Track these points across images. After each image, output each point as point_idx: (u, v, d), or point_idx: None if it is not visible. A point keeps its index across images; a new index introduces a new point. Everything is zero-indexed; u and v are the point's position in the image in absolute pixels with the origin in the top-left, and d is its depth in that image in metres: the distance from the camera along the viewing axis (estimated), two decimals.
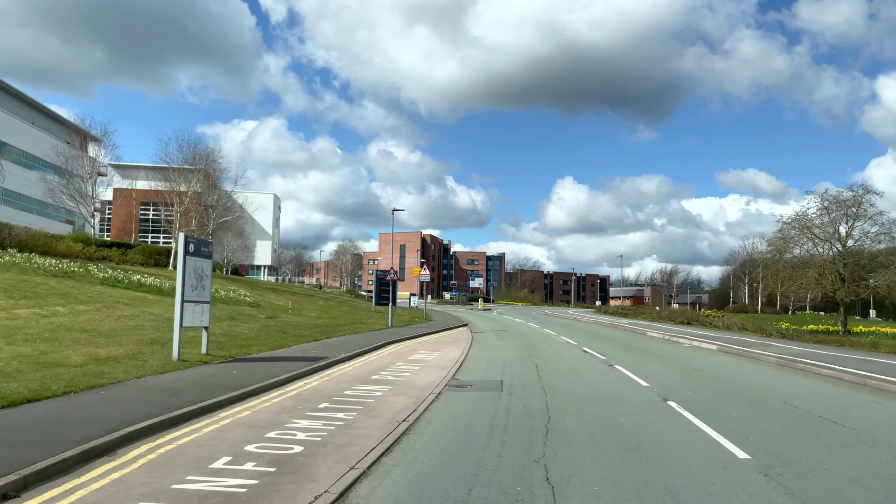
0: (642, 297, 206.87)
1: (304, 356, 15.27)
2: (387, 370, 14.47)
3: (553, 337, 28.14)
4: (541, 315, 55.31)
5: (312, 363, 13.99)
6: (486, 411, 9.60)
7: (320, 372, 13.58)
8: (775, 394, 12.11)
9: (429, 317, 41.62)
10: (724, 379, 14.35)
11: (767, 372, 15.98)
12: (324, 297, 41.34)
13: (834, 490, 5.87)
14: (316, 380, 12.49)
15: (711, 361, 18.37)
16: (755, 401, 11.16)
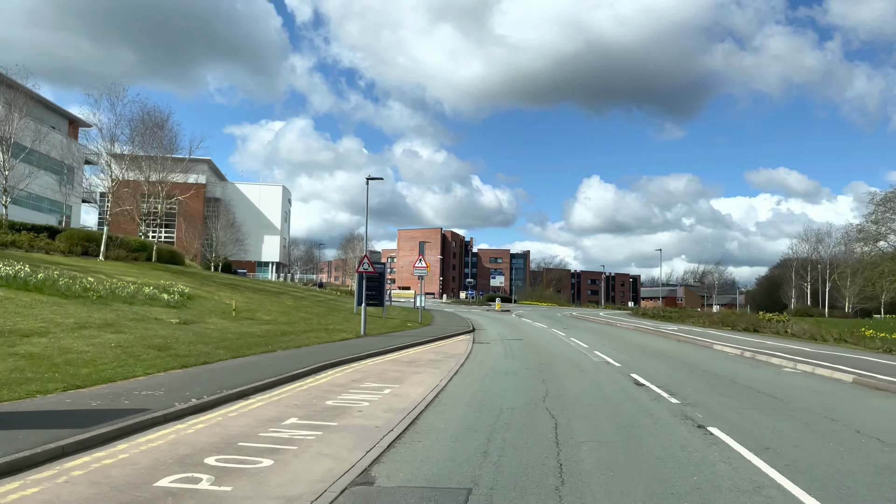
0: (675, 297, 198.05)
1: (79, 408, 7.84)
2: (229, 449, 6.92)
3: (584, 352, 20.36)
4: (567, 318, 47.33)
5: (71, 432, 6.54)
6: None
7: (63, 461, 6.11)
8: None
9: (429, 320, 34.12)
10: None
11: None
12: (302, 295, 34.05)
13: None
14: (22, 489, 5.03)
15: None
16: None
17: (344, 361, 14.89)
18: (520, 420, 8.81)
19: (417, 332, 25.65)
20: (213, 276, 33.62)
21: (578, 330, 32.44)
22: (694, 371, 15.42)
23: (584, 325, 37.26)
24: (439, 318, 37.10)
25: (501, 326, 34.22)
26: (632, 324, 37.78)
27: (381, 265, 30.74)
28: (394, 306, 46.51)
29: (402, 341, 20.75)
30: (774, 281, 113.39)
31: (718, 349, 21.94)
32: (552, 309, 75.36)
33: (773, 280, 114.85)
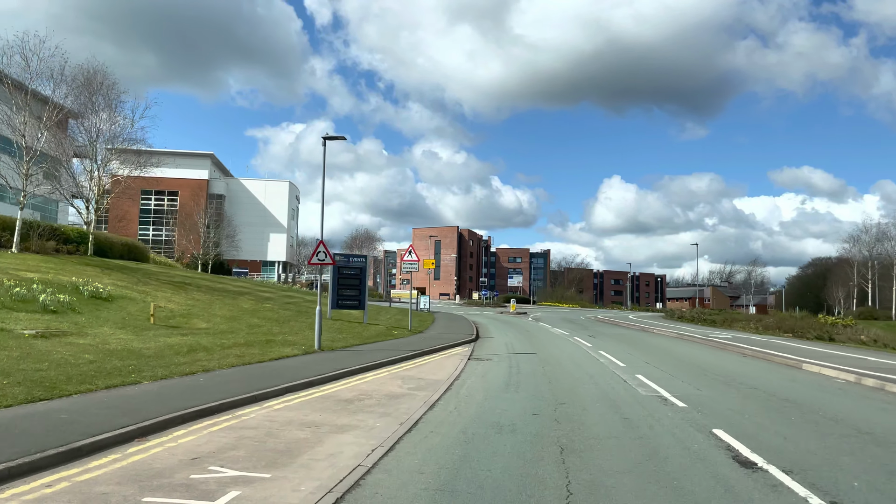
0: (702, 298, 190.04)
1: None
2: None
3: (621, 376, 14.33)
4: (592, 322, 41.08)
5: None
6: None
7: None
8: None
9: (425, 325, 28.28)
10: None
11: None
12: (270, 296, 28.37)
13: None
14: None
15: None
16: None
17: (231, 405, 9.08)
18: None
19: (400, 343, 19.79)
20: (167, 273, 28.07)
21: (608, 338, 26.31)
22: (819, 422, 9.26)
23: (614, 332, 31.06)
24: (440, 323, 31.21)
25: (513, 333, 28.23)
26: (671, 330, 31.47)
27: (359, 258, 24.98)
28: (392, 308, 40.75)
29: (367, 360, 14.92)
30: (807, 281, 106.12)
31: (814, 370, 15.67)
32: (574, 311, 68.97)
33: (805, 280, 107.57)
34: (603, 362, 17.04)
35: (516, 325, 35.68)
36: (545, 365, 16.14)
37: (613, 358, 18.08)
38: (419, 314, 37.61)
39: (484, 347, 20.88)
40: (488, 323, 36.19)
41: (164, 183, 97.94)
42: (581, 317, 49.92)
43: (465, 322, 33.70)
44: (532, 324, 37.01)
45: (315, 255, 16.51)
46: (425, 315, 37.41)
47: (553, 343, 23.33)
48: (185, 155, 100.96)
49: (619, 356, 18.62)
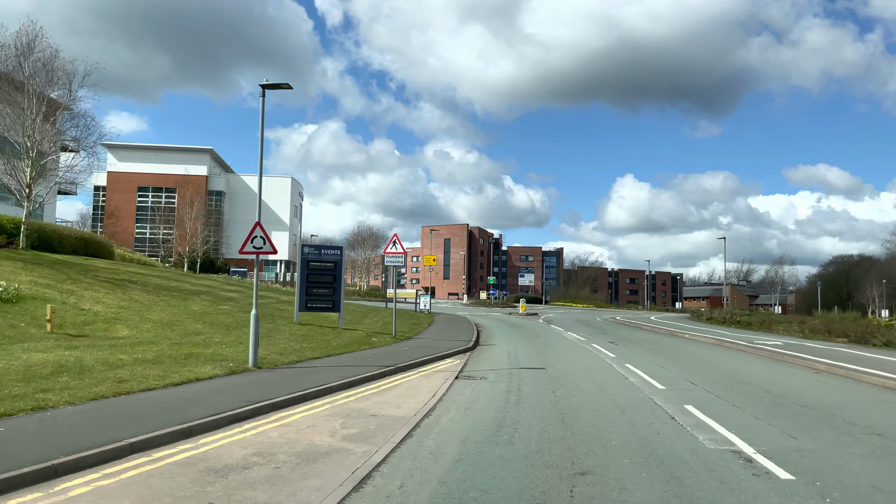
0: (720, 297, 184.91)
1: None
2: None
3: (662, 407, 10.19)
4: (611, 325, 36.74)
5: None
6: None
7: None
8: None
9: (416, 330, 24.18)
10: None
11: None
12: (233, 297, 24.34)
13: None
14: None
15: None
16: None
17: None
18: None
19: (374, 354, 15.69)
20: (116, 270, 24.13)
21: (632, 346, 22.04)
22: None
23: (638, 337, 26.75)
24: (437, 327, 27.08)
25: (519, 339, 24.05)
26: (705, 334, 27.05)
27: (332, 251, 20.85)
28: (387, 309, 36.68)
29: (313, 383, 10.85)
30: (829, 279, 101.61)
31: None
32: (589, 311, 64.49)
33: (827, 278, 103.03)
34: (634, 382, 12.82)
35: (525, 328, 31.45)
36: (556, 387, 11.94)
37: (646, 375, 13.85)
38: (416, 316, 33.51)
39: (481, 359, 16.74)
40: (493, 326, 32.01)
41: (161, 179, 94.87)
42: (597, 318, 45.55)
43: (467, 325, 29.54)
44: (543, 327, 32.76)
45: (249, 242, 12.44)
46: (422, 317, 33.30)
47: (566, 352, 19.11)
48: (183, 150, 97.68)
49: (652, 372, 14.38)
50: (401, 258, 20.27)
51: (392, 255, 20.31)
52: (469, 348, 19.27)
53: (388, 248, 20.34)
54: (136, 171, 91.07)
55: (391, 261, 20.34)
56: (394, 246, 20.30)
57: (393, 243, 20.33)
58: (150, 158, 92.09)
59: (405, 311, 38.24)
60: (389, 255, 20.34)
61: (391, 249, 20.31)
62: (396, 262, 20.36)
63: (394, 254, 20.28)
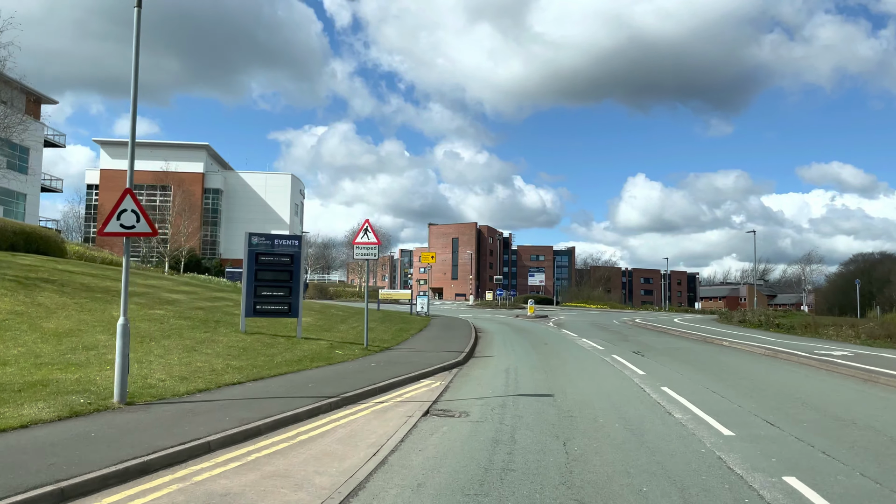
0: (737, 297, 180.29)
1: None
2: None
3: (760, 492, 5.88)
4: (631, 329, 32.54)
5: None
6: None
7: None
8: None
9: (401, 338, 20.20)
10: None
11: None
12: (178, 298, 20.33)
13: None
14: None
15: None
16: None
17: None
18: None
19: (320, 375, 11.70)
20: (37, 268, 20.24)
21: (663, 358, 17.89)
22: None
23: (667, 345, 22.56)
24: (427, 334, 23.09)
25: (524, 348, 19.98)
26: (748, 342, 22.76)
27: (289, 241, 16.85)
28: (376, 312, 32.72)
29: (187, 435, 6.86)
30: (850, 278, 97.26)
31: None
32: (604, 313, 60.13)
33: (848, 277, 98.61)
34: (682, 421, 8.73)
35: (532, 333, 27.34)
36: (570, 434, 7.88)
37: (696, 408, 9.75)
38: (408, 320, 29.51)
39: (470, 380, 12.71)
40: (496, 331, 27.95)
41: (156, 176, 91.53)
42: (614, 321, 41.32)
43: (465, 330, 25.50)
44: (553, 332, 28.61)
45: (114, 218, 8.49)
46: (416, 321, 29.30)
47: (582, 369, 15.00)
48: (178, 146, 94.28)
49: (703, 402, 10.26)
50: (373, 250, 16.26)
51: (363, 247, 16.31)
52: (459, 362, 15.25)
53: (359, 236, 16.34)
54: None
55: (362, 253, 16.33)
56: (365, 235, 16.30)
57: (364, 231, 16.33)
58: (145, 155, 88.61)
59: (398, 314, 34.26)
60: (360, 246, 16.34)
61: (362, 239, 16.31)
62: (368, 254, 16.35)
63: (365, 244, 16.28)
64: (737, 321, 34.92)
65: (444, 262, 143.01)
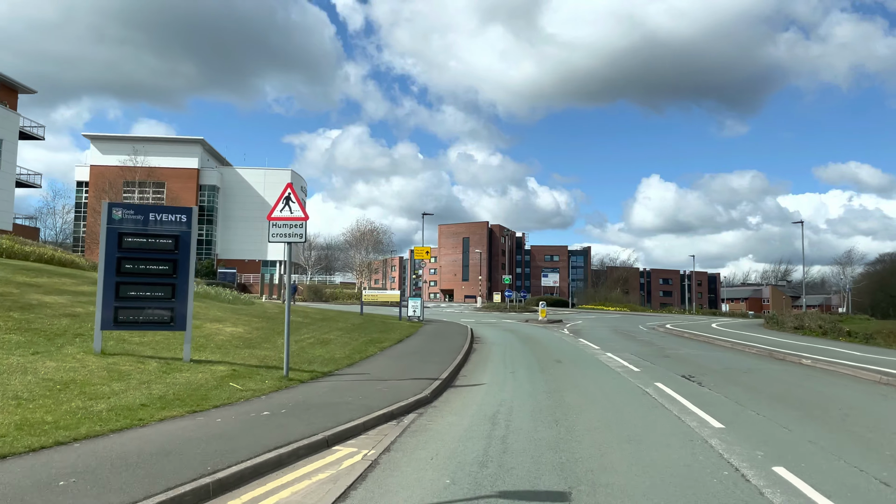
0: (760, 298, 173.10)
1: None
2: None
3: None
4: (663, 336, 26.87)
5: None
6: None
7: None
8: None
9: (369, 350, 14.74)
10: None
11: None
12: (48, 302, 14.93)
13: None
14: None
15: None
16: None
17: None
18: None
19: (163, 438, 6.22)
20: None
21: (734, 389, 12.23)
22: None
23: (726, 365, 16.83)
24: (403, 347, 17.63)
25: (529, 370, 14.44)
26: (836, 360, 16.94)
27: (171, 217, 11.40)
28: (362, 316, 27.28)
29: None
30: (877, 279, 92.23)
31: None
32: (626, 317, 54.19)
33: (875, 278, 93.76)
34: None
35: (542, 344, 21.74)
36: None
37: None
38: (392, 327, 24.05)
39: (421, 448, 7.23)
40: (497, 341, 22.43)
41: (149, 173, 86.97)
42: (640, 326, 35.56)
43: (457, 341, 19.99)
44: (568, 342, 22.98)
45: None
46: (398, 328, 23.84)
47: (616, 415, 9.40)
48: (172, 141, 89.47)
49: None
50: (297, 228, 10.82)
51: (282, 224, 10.88)
52: (424, 400, 9.81)
53: (276, 209, 10.91)
54: (121, 165, 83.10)
55: (280, 233, 10.90)
56: (285, 206, 10.87)
57: (285, 201, 10.90)
58: (137, 151, 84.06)
59: (384, 319, 28.82)
60: (278, 224, 10.91)
61: (281, 212, 10.87)
62: (291, 234, 10.91)
63: (285, 220, 10.84)
64: (791, 327, 29.00)
65: (454, 263, 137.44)
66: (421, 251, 32.53)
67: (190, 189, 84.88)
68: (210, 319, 16.67)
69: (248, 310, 21.20)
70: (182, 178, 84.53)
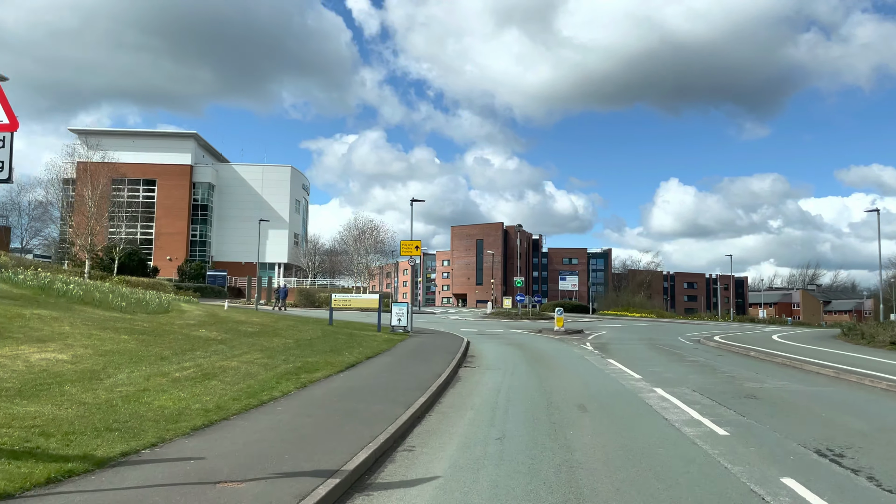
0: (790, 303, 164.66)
1: None
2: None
3: None
4: (722, 357, 20.57)
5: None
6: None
7: None
8: None
9: (280, 387, 8.60)
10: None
11: None
12: None
13: None
14: None
15: None
16: None
17: None
18: None
19: None
20: None
21: None
22: None
23: (872, 415, 10.52)
24: (364, 372, 11.61)
25: (531, 428, 8.31)
26: None
27: None
28: (332, 325, 21.22)
29: None
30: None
31: None
32: (656, 325, 47.48)
33: None
34: None
35: (556, 371, 15.48)
36: None
37: None
38: (356, 342, 17.91)
39: None
40: (495, 363, 16.23)
41: (138, 170, 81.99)
42: (680, 339, 29.10)
43: (433, 367, 13.87)
44: (594, 366, 16.66)
45: None
46: (369, 343, 17.70)
47: None
48: (163, 135, 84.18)
49: None
50: None
51: None
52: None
53: None
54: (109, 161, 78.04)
55: None
56: None
57: None
58: (127, 146, 78.99)
59: (358, 329, 22.76)
60: None
61: None
62: None
63: None
64: (889, 342, 22.39)
65: (467, 266, 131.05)
66: (409, 246, 26.47)
67: (182, 186, 79.46)
68: (38, 339, 10.71)
69: (133, 324, 15.17)
70: (174, 174, 79.22)
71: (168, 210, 78.56)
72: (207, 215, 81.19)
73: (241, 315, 23.29)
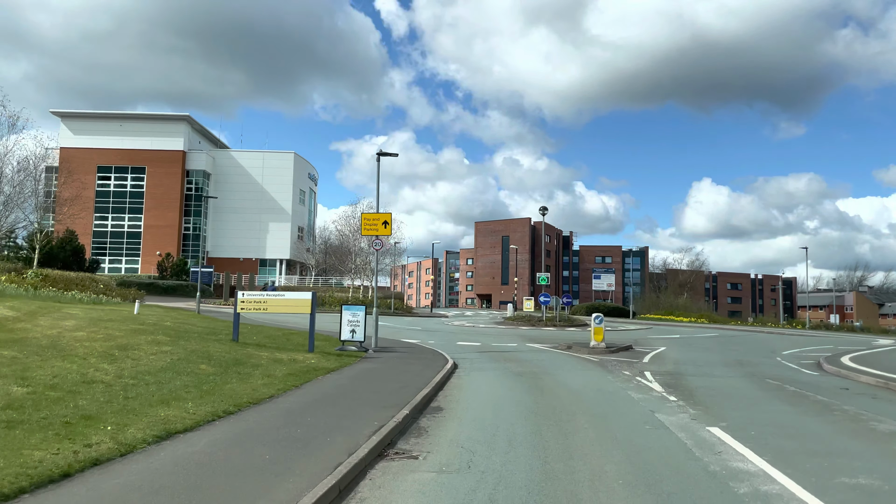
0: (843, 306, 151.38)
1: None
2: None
3: None
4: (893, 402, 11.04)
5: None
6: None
7: None
8: None
9: None
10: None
11: None
12: None
13: None
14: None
15: None
16: None
17: None
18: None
19: None
20: None
21: None
22: None
23: None
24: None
25: None
26: None
27: None
28: (230, 346, 12.78)
29: None
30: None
31: None
32: (724, 336, 37.63)
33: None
34: None
35: (601, 463, 6.61)
36: None
37: None
38: (251, 375, 9.28)
39: None
40: (466, 437, 7.45)
41: (125, 156, 74.94)
42: (781, 360, 19.87)
43: (299, 464, 5.11)
44: (685, 447, 7.78)
45: None
46: (269, 377, 9.00)
47: None
48: (152, 118, 76.38)
49: None
50: None
51: None
52: None
53: None
54: (95, 147, 71.31)
55: None
56: None
57: None
58: (114, 130, 71.96)
59: (286, 343, 14.14)
60: None
61: None
62: None
63: None
64: None
65: (492, 265, 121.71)
66: (373, 221, 17.77)
67: (174, 174, 71.88)
68: None
69: None
70: (165, 161, 71.68)
71: (158, 200, 71.33)
72: (202, 206, 73.72)
73: (119, 325, 14.80)
